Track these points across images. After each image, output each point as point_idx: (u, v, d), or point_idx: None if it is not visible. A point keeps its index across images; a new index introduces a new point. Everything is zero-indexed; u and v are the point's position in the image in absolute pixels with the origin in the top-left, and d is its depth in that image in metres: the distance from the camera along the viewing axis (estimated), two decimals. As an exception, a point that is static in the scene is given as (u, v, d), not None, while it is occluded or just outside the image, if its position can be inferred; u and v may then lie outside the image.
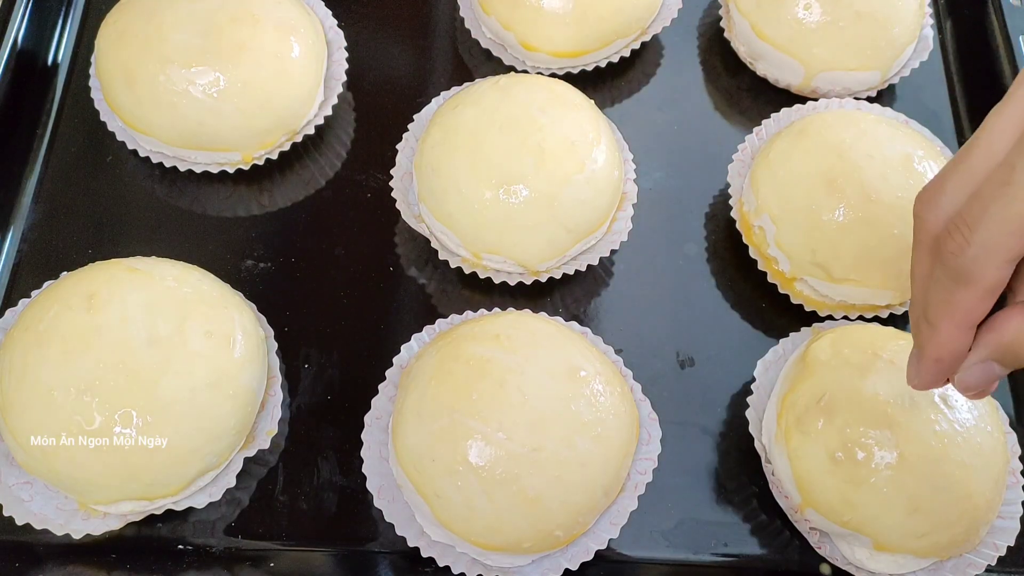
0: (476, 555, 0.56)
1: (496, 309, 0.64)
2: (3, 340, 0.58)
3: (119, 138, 0.71)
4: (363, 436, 0.60)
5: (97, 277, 0.58)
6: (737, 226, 0.71)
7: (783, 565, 0.62)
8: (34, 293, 0.61)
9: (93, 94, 0.73)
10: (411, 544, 0.57)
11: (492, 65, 0.80)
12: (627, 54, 0.79)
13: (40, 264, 0.70)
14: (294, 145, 0.73)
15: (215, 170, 0.72)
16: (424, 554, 0.57)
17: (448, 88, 0.74)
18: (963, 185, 0.42)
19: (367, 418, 0.60)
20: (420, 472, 0.55)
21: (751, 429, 0.62)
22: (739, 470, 0.65)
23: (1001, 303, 0.42)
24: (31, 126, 0.76)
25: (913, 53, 0.79)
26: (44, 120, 0.77)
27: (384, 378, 0.62)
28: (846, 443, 0.56)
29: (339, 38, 0.77)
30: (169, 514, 0.59)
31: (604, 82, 0.81)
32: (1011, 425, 0.62)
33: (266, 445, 0.61)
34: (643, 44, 0.80)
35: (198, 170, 0.72)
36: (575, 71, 0.78)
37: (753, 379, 0.64)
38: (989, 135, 0.42)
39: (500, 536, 0.54)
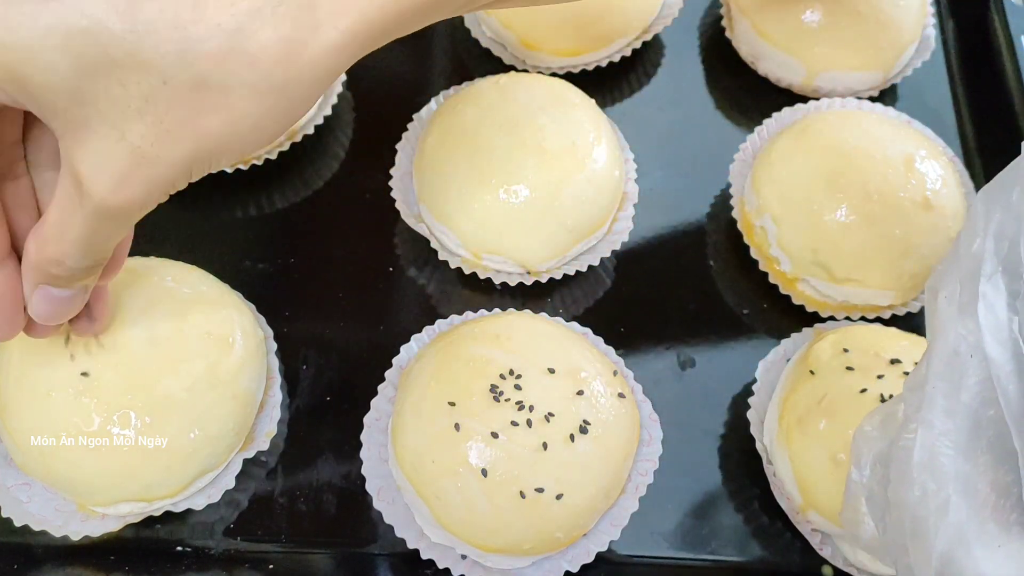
0: (476, 557, 0.56)
1: (496, 309, 0.64)
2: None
3: (118, 138, 0.71)
4: (362, 437, 0.59)
5: (95, 277, 0.58)
6: (738, 226, 0.71)
7: (785, 567, 0.62)
8: (32, 293, 0.61)
9: (92, 94, 0.72)
10: (411, 546, 0.57)
11: (492, 65, 0.79)
12: (628, 54, 0.79)
13: (39, 264, 0.70)
14: (293, 145, 0.73)
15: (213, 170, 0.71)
16: (424, 556, 0.56)
17: (448, 88, 0.74)
18: None
19: (366, 419, 0.60)
20: (420, 473, 0.55)
21: (752, 430, 0.62)
22: (740, 471, 0.65)
23: None
24: (30, 126, 0.76)
25: (915, 53, 0.79)
26: (43, 120, 0.76)
27: (383, 379, 0.62)
28: (848, 444, 0.56)
29: (339, 38, 0.76)
30: (168, 516, 0.59)
31: (604, 82, 0.80)
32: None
33: (265, 446, 0.60)
34: (644, 44, 0.80)
35: (197, 170, 0.71)
36: (575, 70, 0.78)
37: (754, 380, 0.64)
38: None
39: (500, 538, 0.54)
